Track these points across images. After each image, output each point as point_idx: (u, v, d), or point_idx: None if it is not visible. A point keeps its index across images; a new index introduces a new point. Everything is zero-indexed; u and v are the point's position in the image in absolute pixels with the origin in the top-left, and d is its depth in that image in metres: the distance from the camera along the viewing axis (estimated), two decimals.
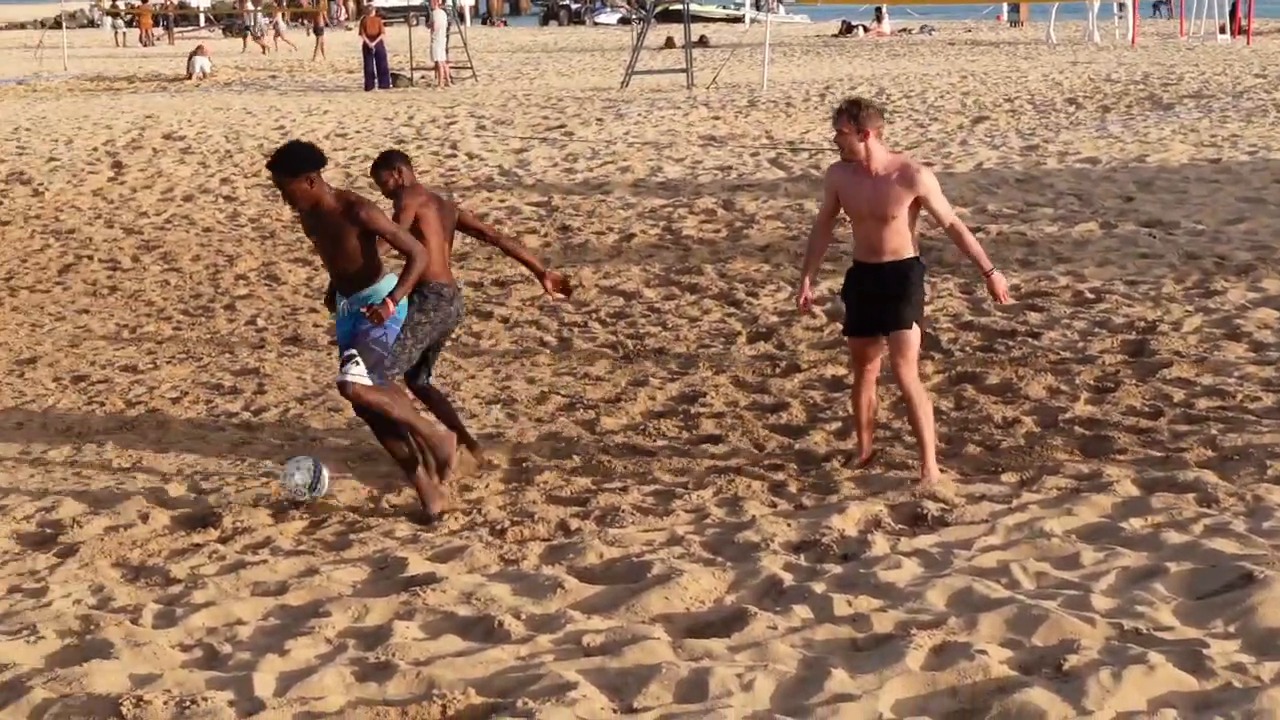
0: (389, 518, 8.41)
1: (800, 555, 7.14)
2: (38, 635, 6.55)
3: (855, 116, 8.29)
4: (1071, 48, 43.42)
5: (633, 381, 11.03)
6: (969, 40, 50.54)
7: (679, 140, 23.14)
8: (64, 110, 31.85)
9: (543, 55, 47.08)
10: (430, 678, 5.77)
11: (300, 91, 35.31)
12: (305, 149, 8.45)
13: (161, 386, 11.71)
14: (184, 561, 7.73)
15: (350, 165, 22.30)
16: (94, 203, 20.70)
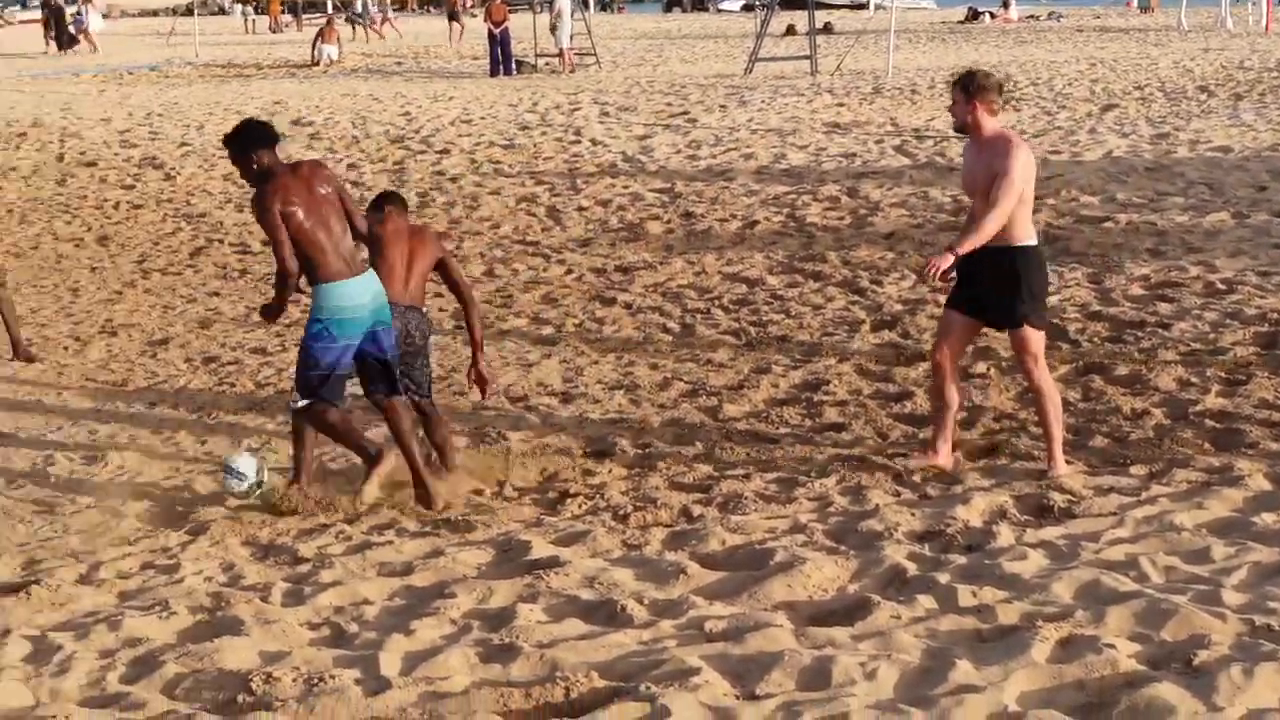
0: (512, 501, 8.47)
1: (924, 545, 7.09)
2: (170, 611, 6.67)
3: (965, 86, 8.19)
4: (1203, 34, 42.64)
5: (756, 369, 11.01)
6: (1098, 27, 49.85)
7: (803, 127, 23.04)
8: (195, 96, 32.31)
9: (665, 42, 47.06)
10: (553, 660, 5.80)
11: (426, 78, 35.57)
12: (256, 128, 8.53)
13: (290, 368, 11.85)
14: (311, 541, 7.84)
15: (475, 151, 22.42)
16: (224, 187, 20.98)
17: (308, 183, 8.29)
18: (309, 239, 8.19)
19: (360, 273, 8.33)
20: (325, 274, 8.23)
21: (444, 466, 8.94)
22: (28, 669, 6.06)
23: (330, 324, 8.27)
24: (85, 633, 6.45)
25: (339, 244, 8.26)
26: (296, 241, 8.18)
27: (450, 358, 11.85)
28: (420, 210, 18.45)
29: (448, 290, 9.54)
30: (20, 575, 7.48)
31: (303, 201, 8.19)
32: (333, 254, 8.22)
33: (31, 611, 6.86)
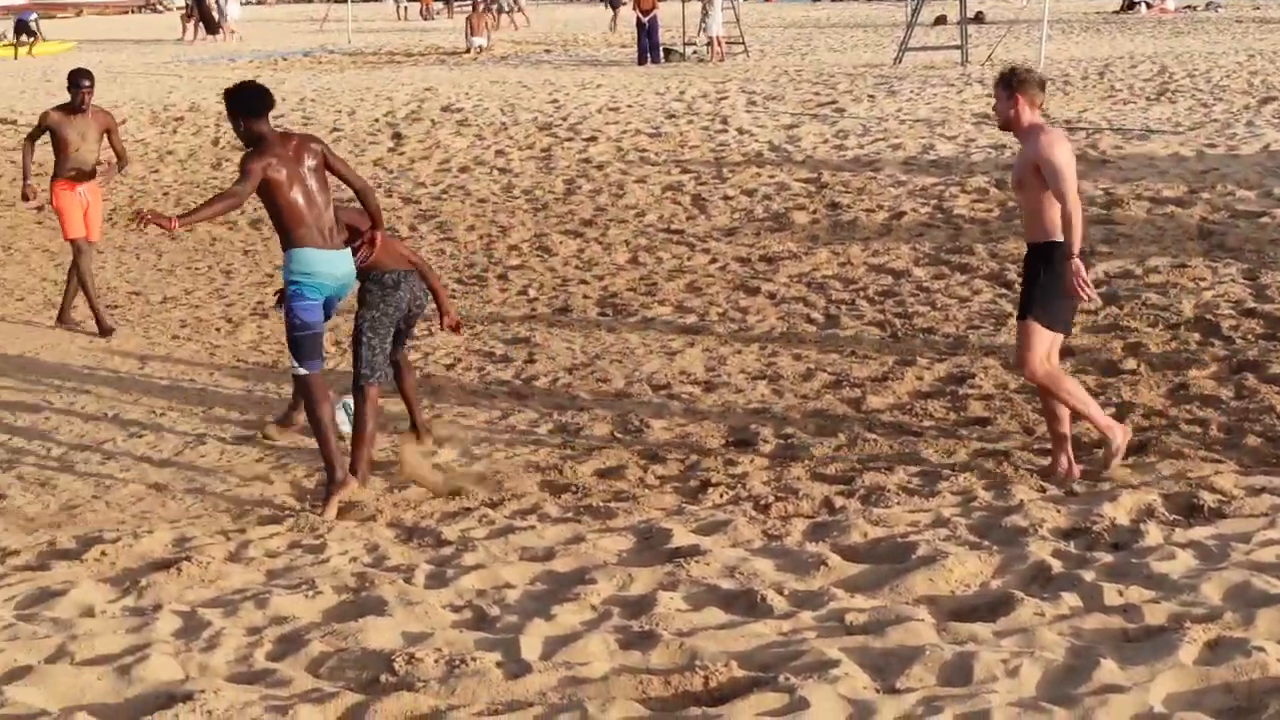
0: (654, 489, 8.49)
1: (1069, 542, 6.99)
2: (316, 590, 6.77)
3: (1008, 82, 8.16)
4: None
5: (900, 361, 10.93)
6: (1257, 18, 48.77)
7: (952, 118, 22.81)
8: (347, 82, 32.73)
9: (814, 31, 46.82)
10: (693, 649, 5.80)
11: (574, 65, 35.72)
12: (249, 94, 8.69)
13: (436, 353, 12.00)
14: (455, 524, 7.92)
15: (621, 139, 22.48)
16: (374, 172, 21.23)
17: (296, 155, 8.56)
18: (289, 207, 8.48)
19: (335, 248, 8.61)
20: (299, 241, 8.53)
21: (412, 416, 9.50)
22: (178, 643, 6.18)
23: (303, 284, 8.55)
24: (234, 609, 6.57)
25: (318, 217, 8.55)
26: (277, 208, 8.48)
27: (594, 344, 11.91)
28: (566, 197, 18.56)
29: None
30: (172, 551, 7.63)
31: (287, 172, 8.47)
32: (310, 225, 8.52)
33: (182, 587, 7.00)
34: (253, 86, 8.77)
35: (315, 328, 8.65)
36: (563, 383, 10.96)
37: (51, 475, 9.42)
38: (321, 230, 8.56)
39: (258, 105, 8.65)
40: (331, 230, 8.62)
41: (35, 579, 7.24)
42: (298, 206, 8.48)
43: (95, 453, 9.92)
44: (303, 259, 8.52)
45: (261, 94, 8.73)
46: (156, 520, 8.33)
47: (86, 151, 13.24)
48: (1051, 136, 8.04)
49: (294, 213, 8.47)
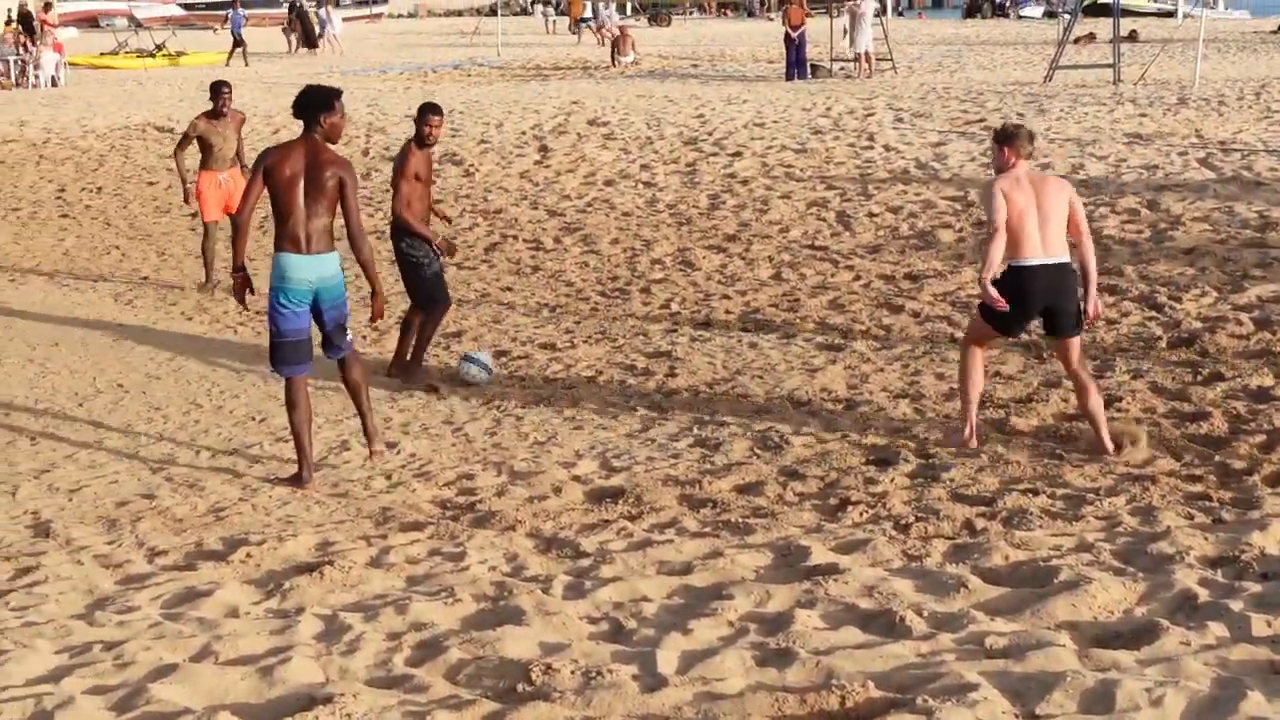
0: (793, 506, 8.46)
1: (1217, 570, 6.85)
2: (455, 598, 6.82)
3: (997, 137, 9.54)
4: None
5: (1045, 382, 10.80)
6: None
7: (1102, 137, 22.50)
8: (496, 95, 33.03)
9: (964, 48, 46.44)
10: (830, 668, 5.77)
11: (721, 80, 35.75)
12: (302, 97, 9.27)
13: (577, 365, 12.06)
14: (593, 536, 7.94)
15: (767, 155, 22.45)
16: (520, 184, 21.41)
17: (309, 159, 9.07)
18: (276, 203, 9.10)
19: (311, 254, 9.06)
20: (278, 243, 9.13)
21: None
22: (319, 646, 6.26)
23: (278, 292, 9.13)
24: (374, 614, 6.64)
25: (301, 221, 9.04)
26: (271, 200, 9.12)
27: (735, 359, 11.90)
28: (710, 212, 18.57)
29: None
30: (315, 555, 7.74)
31: (288, 171, 9.02)
32: (290, 226, 9.05)
33: (324, 591, 7.09)
34: (312, 91, 9.33)
35: (291, 335, 9.19)
36: (703, 397, 10.97)
37: (200, 477, 9.60)
38: (300, 236, 9.05)
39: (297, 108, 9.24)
40: (315, 236, 9.08)
41: (182, 579, 7.38)
42: (282, 206, 9.06)
43: (242, 456, 10.09)
44: (278, 264, 9.14)
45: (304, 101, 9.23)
46: (300, 524, 8.45)
47: (228, 149, 15.49)
48: (994, 182, 9.33)
49: (279, 211, 9.09)
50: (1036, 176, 9.43)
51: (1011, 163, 9.34)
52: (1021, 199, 9.16)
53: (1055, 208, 9.21)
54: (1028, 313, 9.32)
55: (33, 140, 28.02)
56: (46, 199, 22.19)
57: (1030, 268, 9.16)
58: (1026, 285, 9.17)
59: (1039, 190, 9.24)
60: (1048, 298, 9.19)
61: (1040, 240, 9.13)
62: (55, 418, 11.20)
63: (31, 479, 9.69)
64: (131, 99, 35.41)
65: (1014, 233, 9.15)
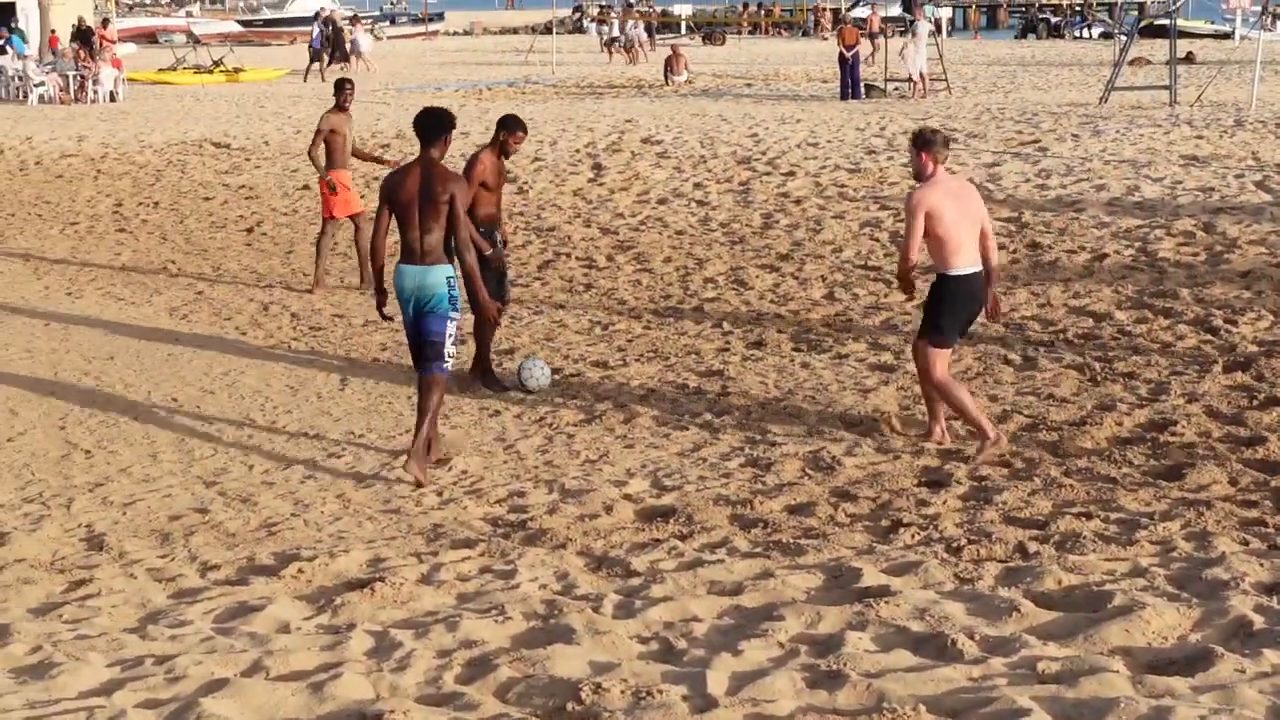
0: (844, 527, 8.43)
1: (1273, 597, 6.77)
2: (505, 616, 6.83)
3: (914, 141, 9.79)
4: None
5: (1099, 405, 10.73)
6: None
7: (1158, 159, 22.38)
8: (550, 112, 33.12)
9: (1019, 68, 46.27)
10: (881, 691, 5.74)
11: (774, 100, 35.74)
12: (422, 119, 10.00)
13: (630, 383, 12.06)
14: (644, 555, 7.93)
15: (820, 174, 22.43)
16: (574, 202, 21.45)
17: (423, 179, 9.77)
18: (397, 217, 9.82)
19: (414, 264, 9.75)
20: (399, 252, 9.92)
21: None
22: (370, 663, 6.28)
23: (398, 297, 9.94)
24: (425, 631, 6.66)
25: (413, 234, 9.74)
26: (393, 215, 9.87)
27: (787, 379, 11.87)
28: (763, 231, 18.56)
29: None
30: (366, 571, 7.76)
31: (403, 189, 9.78)
32: (405, 238, 9.81)
33: (375, 607, 7.12)
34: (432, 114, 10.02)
35: (409, 337, 10.04)
36: (755, 417, 10.95)
37: (253, 492, 9.65)
38: (410, 247, 9.79)
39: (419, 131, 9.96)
40: (424, 249, 9.74)
41: (234, 593, 7.42)
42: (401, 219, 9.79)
43: (295, 471, 10.13)
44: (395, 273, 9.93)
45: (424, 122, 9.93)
46: (352, 540, 8.48)
47: (352, 143, 16.49)
48: (917, 193, 9.61)
49: (399, 223, 9.83)
50: (958, 185, 9.92)
51: (930, 169, 9.64)
52: (952, 208, 9.53)
53: (977, 214, 9.77)
54: (968, 321, 10.03)
55: (91, 155, 28.28)
56: (104, 213, 22.38)
57: (968, 276, 9.73)
58: (968, 293, 9.78)
59: (964, 199, 9.71)
60: (978, 305, 9.91)
61: (972, 248, 9.70)
62: (110, 431, 11.28)
63: (86, 492, 9.77)
64: (189, 115, 35.69)
65: (951, 242, 9.58)
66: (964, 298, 9.81)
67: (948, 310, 9.84)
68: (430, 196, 9.65)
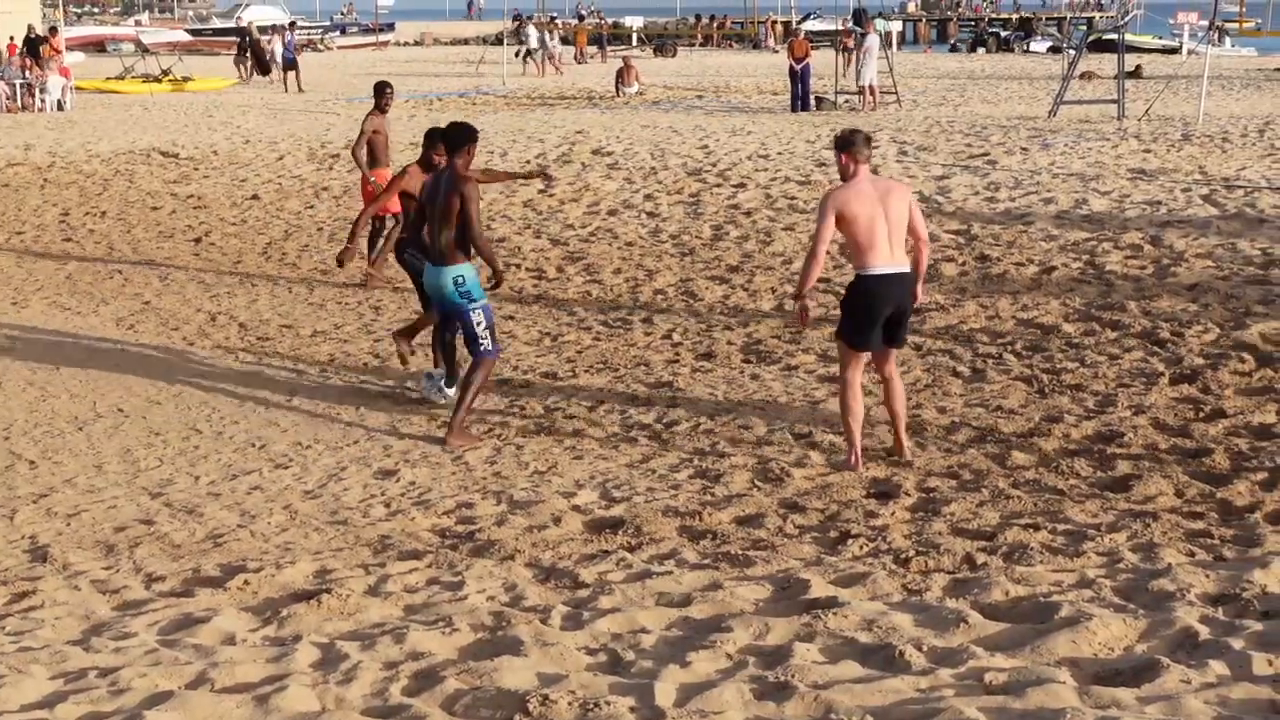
0: (793, 538, 8.43)
1: (1218, 608, 6.82)
2: (453, 627, 6.80)
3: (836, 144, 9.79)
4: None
5: (1047, 417, 10.78)
6: None
7: (1106, 172, 22.53)
8: (500, 123, 33.09)
9: (968, 82, 46.53)
10: (828, 702, 5.74)
11: (725, 112, 35.81)
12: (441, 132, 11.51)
13: (578, 394, 12.05)
14: (593, 566, 7.91)
15: (770, 186, 22.48)
16: (524, 213, 21.42)
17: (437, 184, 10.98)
18: (420, 221, 11.42)
19: (436, 264, 10.95)
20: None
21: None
22: (315, 675, 6.24)
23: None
24: (371, 643, 6.62)
25: (434, 236, 10.94)
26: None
27: (737, 391, 11.88)
28: (713, 243, 18.58)
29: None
30: (313, 583, 7.71)
31: (422, 194, 11.39)
32: (429, 239, 11.09)
33: (322, 619, 7.07)
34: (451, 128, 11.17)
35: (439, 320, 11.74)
36: (704, 429, 10.95)
37: (199, 503, 9.58)
38: (432, 247, 11.01)
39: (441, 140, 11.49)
40: (439, 250, 10.86)
41: (179, 605, 7.36)
42: (423, 222, 11.28)
43: (241, 482, 10.07)
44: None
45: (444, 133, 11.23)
46: (299, 551, 8.42)
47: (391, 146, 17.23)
48: (828, 193, 9.75)
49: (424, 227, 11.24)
50: (881, 184, 9.79)
51: (852, 170, 9.63)
52: (866, 208, 9.48)
53: (900, 215, 9.61)
54: (875, 321, 9.72)
55: (38, 164, 28.07)
56: (50, 223, 22.21)
57: (879, 276, 9.59)
58: (874, 293, 9.64)
59: (884, 198, 9.57)
60: (891, 306, 9.66)
61: (888, 249, 9.54)
62: (55, 441, 11.18)
63: (30, 503, 9.67)
64: (137, 124, 35.48)
65: (863, 241, 9.53)
66: (872, 298, 9.68)
67: (854, 308, 9.82)
68: (447, 204, 10.72)
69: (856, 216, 9.49)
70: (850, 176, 9.68)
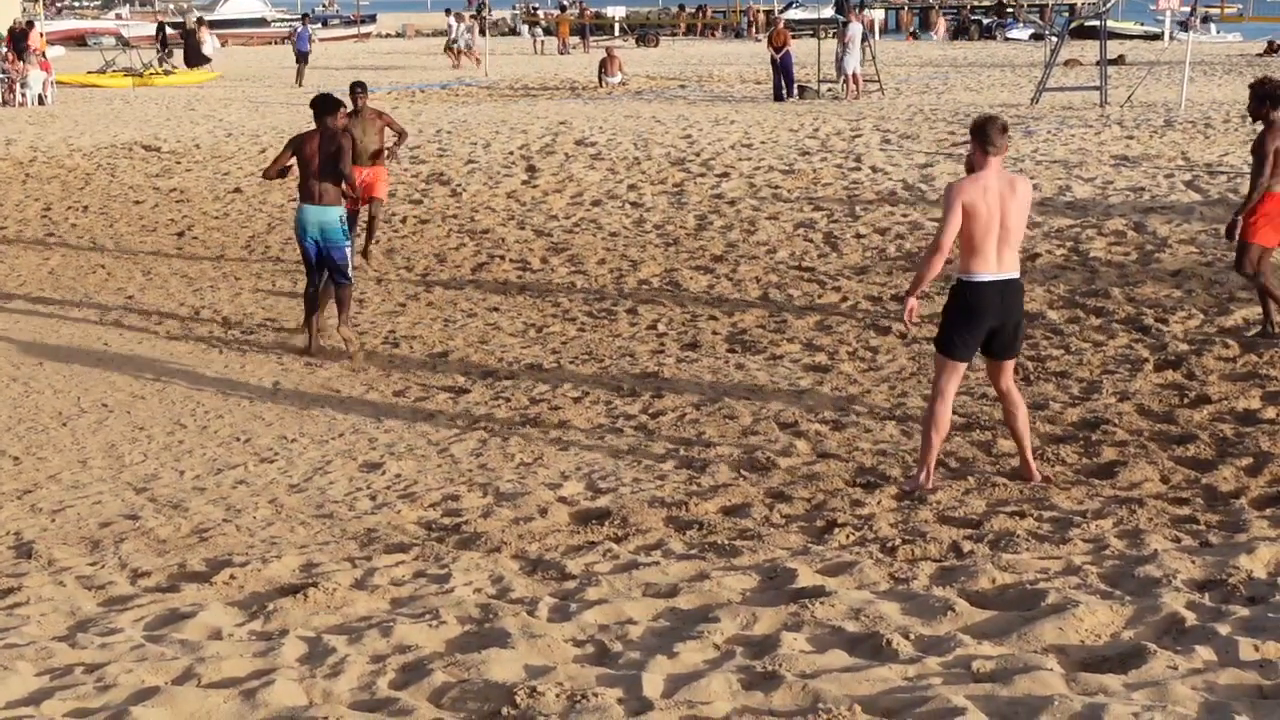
0: (780, 528, 8.43)
1: (1204, 594, 6.83)
2: (440, 620, 6.79)
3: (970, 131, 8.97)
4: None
5: (1032, 404, 10.78)
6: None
7: (1089, 159, 22.56)
8: (483, 115, 33.04)
9: (951, 70, 46.55)
10: (816, 691, 5.74)
11: (708, 101, 35.79)
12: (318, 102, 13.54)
13: (564, 386, 12.03)
14: (579, 558, 7.90)
15: (754, 175, 22.47)
16: (507, 204, 21.40)
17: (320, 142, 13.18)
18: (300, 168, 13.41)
19: (313, 203, 13.25)
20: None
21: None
22: (302, 669, 6.23)
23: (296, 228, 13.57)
24: (358, 637, 6.61)
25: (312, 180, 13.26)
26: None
27: (722, 381, 11.88)
28: (697, 232, 18.57)
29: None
30: (299, 576, 7.69)
31: (308, 147, 13.29)
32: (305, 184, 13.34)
33: (308, 613, 7.06)
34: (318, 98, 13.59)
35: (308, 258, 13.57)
36: (690, 419, 10.94)
37: (184, 498, 9.56)
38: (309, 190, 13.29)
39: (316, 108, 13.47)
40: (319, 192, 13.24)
41: (165, 600, 7.34)
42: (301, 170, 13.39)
43: (227, 477, 10.05)
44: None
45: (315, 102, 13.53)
46: (285, 545, 8.41)
47: (368, 142, 16.83)
48: (956, 185, 8.80)
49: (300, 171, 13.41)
50: (1007, 181, 8.82)
51: (980, 161, 8.82)
52: (985, 208, 8.69)
53: (1018, 220, 8.81)
54: (976, 331, 8.92)
55: (19, 159, 27.96)
56: (32, 218, 22.13)
57: (982, 283, 8.82)
58: (976, 302, 8.85)
59: (1006, 199, 8.74)
60: (996, 316, 8.85)
61: (996, 255, 8.77)
62: (39, 437, 11.15)
63: (14, 499, 9.64)
64: (119, 118, 35.37)
65: (972, 244, 8.75)
66: (974, 307, 8.86)
67: (954, 316, 8.98)
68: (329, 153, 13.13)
69: (974, 215, 8.68)
70: (979, 168, 8.80)
